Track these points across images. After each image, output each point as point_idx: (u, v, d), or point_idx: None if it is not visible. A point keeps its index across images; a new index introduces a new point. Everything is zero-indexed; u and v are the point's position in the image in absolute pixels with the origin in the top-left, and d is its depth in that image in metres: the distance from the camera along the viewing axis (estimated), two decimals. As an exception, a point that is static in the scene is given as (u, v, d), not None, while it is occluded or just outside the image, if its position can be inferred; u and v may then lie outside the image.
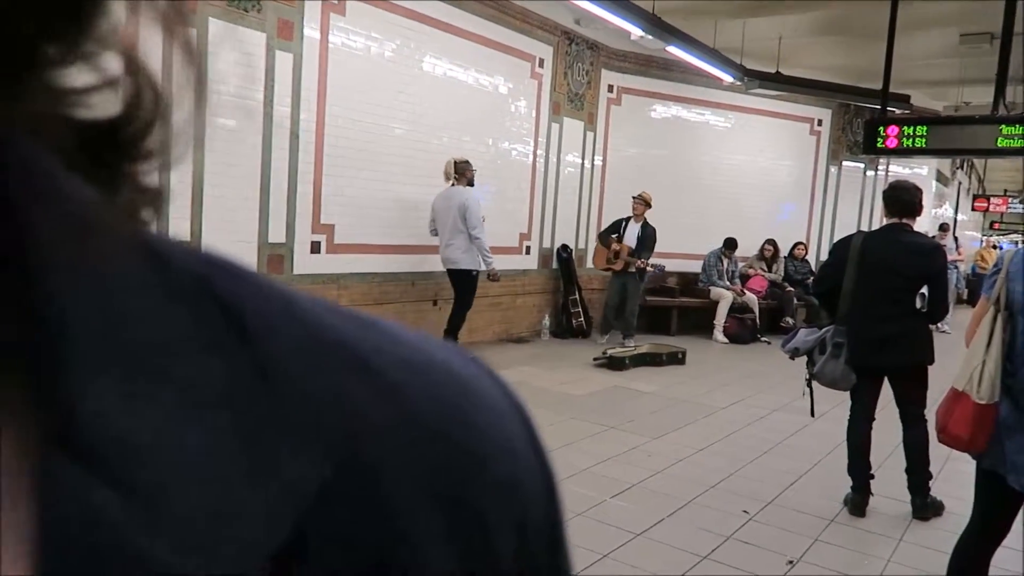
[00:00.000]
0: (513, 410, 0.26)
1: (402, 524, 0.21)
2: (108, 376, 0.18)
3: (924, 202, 3.88)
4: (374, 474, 0.21)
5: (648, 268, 8.32)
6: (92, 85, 0.20)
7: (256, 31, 5.31)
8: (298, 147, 5.74)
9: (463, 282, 6.34)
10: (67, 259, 0.19)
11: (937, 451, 3.49)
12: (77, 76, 0.20)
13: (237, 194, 5.35)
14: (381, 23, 6.32)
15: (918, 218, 3.78)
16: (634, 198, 8.36)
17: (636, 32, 6.82)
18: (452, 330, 6.31)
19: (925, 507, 3.69)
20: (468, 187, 6.32)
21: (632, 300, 8.33)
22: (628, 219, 8.39)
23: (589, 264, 9.21)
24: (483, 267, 6.37)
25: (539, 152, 8.39)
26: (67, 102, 0.20)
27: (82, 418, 0.18)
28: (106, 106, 0.21)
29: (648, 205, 8.32)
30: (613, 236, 8.36)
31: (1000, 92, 5.99)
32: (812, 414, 3.98)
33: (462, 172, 6.30)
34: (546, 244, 8.68)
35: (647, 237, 8.22)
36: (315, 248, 5.99)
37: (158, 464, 0.18)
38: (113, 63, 0.20)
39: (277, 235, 5.66)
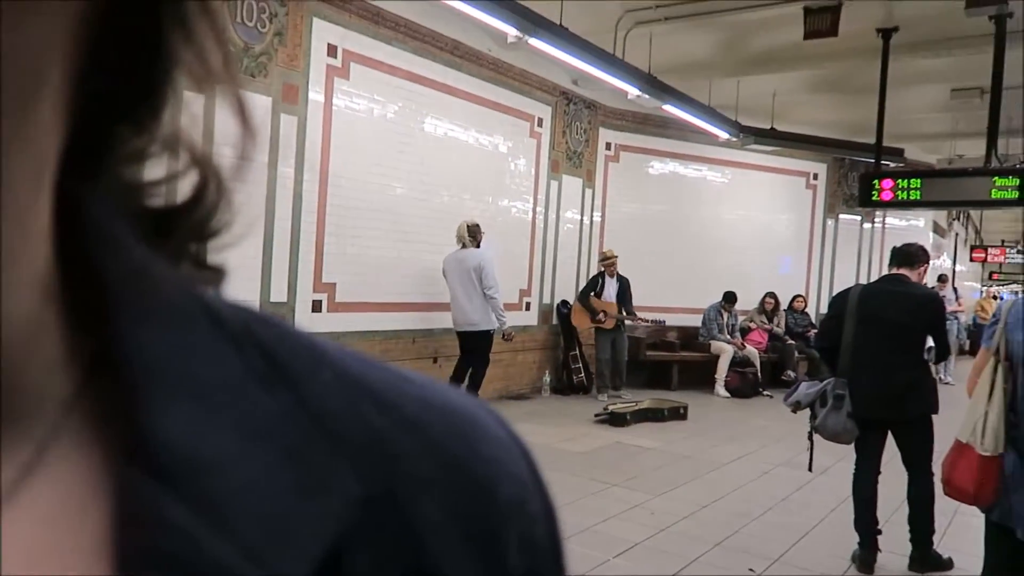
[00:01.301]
0: (513, 441, 0.29)
1: (428, 541, 0.24)
2: (178, 404, 0.21)
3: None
4: (402, 496, 0.24)
5: (648, 322, 8.54)
6: (163, 178, 0.25)
7: (263, 95, 5.43)
8: (301, 207, 5.82)
9: (481, 343, 6.33)
10: (134, 301, 0.22)
11: (946, 505, 3.44)
12: (150, 171, 0.24)
13: (239, 253, 5.36)
14: (383, 85, 6.46)
15: (920, 273, 3.81)
16: (605, 261, 8.52)
17: (633, 91, 6.97)
18: (474, 389, 6.22)
19: (925, 561, 3.63)
20: (479, 248, 6.35)
21: (622, 352, 8.50)
22: (602, 275, 8.54)
23: (590, 319, 9.23)
24: (496, 326, 6.34)
25: (539, 209, 8.48)
26: (141, 194, 0.25)
27: (155, 439, 0.21)
28: (176, 194, 0.25)
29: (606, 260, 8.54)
30: (591, 295, 8.47)
31: (992, 144, 6.09)
32: (810, 468, 3.95)
33: (474, 235, 6.33)
34: (546, 300, 8.70)
35: (625, 289, 8.44)
36: (316, 307, 6.01)
37: (223, 482, 0.21)
38: (182, 157, 0.24)
39: (279, 294, 5.69)
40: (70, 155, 0.22)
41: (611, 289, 8.43)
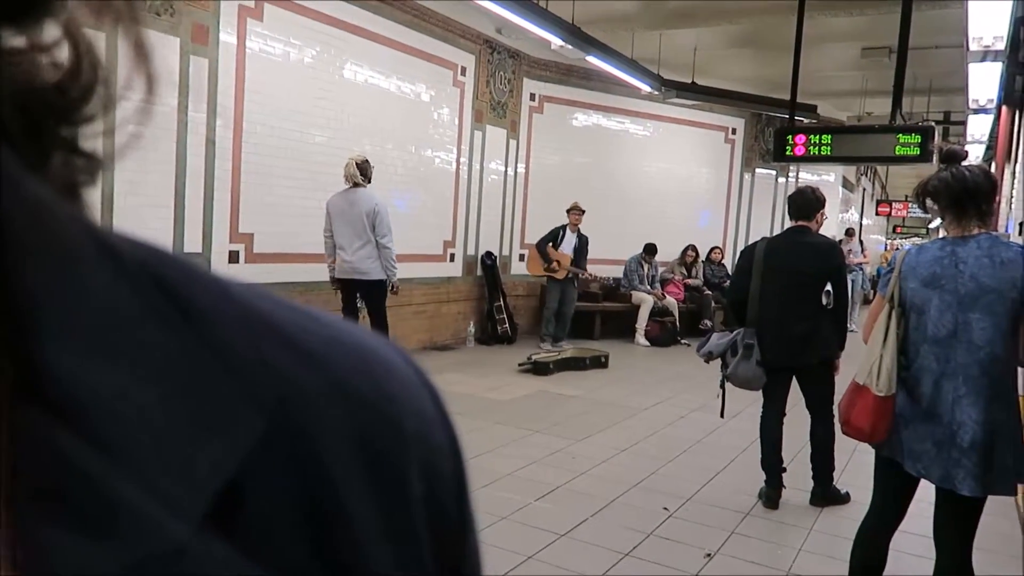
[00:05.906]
0: (420, 380, 0.29)
1: (330, 473, 0.24)
2: (72, 341, 0.21)
3: (830, 207, 4.07)
4: (305, 430, 0.24)
5: (597, 279, 8.84)
6: (29, 46, 0.22)
7: (169, 35, 5.17)
8: (215, 154, 5.61)
9: (374, 293, 5.67)
10: (30, 240, 0.21)
11: (845, 444, 3.65)
12: (14, 38, 0.22)
13: (151, 202, 5.19)
14: (300, 29, 6.24)
15: (818, 219, 3.95)
16: (575, 210, 8.56)
17: (556, 42, 6.92)
18: None
19: (825, 496, 3.87)
20: (369, 189, 5.59)
21: (569, 305, 8.63)
22: (564, 228, 8.61)
23: (514, 271, 9.29)
24: (387, 276, 5.60)
25: (462, 160, 8.42)
26: (5, 61, 0.22)
27: (50, 376, 0.20)
28: (46, 72, 0.22)
29: (583, 213, 8.61)
30: (550, 244, 8.56)
31: (897, 103, 6.33)
32: (722, 415, 4.09)
33: (365, 172, 5.52)
34: (470, 251, 8.70)
35: (583, 246, 8.57)
36: (233, 258, 5.86)
37: (121, 418, 0.20)
38: (53, 30, 0.22)
39: (193, 245, 5.51)
40: None
41: (570, 243, 8.55)
